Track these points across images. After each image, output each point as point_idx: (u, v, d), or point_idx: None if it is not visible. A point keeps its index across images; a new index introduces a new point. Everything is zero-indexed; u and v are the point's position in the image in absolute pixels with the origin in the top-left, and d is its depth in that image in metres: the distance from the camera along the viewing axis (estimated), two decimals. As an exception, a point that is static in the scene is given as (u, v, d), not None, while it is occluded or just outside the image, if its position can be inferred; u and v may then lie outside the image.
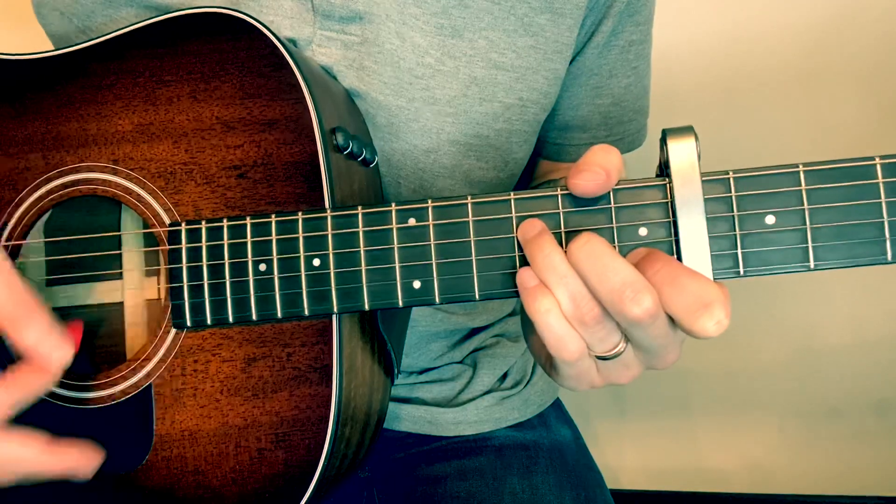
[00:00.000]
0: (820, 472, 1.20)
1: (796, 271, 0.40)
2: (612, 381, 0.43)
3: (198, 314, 0.48)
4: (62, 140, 0.52)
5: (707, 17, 1.03)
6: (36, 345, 0.43)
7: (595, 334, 0.40)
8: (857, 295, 1.10)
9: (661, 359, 0.41)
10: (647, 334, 0.39)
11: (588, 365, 0.42)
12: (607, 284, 0.38)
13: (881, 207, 0.39)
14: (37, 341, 0.42)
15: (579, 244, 0.40)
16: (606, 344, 0.40)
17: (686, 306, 0.37)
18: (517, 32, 0.58)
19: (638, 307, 0.37)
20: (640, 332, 0.39)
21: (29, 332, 0.42)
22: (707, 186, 0.41)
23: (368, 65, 0.56)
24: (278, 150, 0.49)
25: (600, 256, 0.39)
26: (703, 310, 0.37)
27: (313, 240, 0.46)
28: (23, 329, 0.42)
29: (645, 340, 0.40)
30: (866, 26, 1.00)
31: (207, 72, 0.50)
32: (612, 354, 0.41)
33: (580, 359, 0.41)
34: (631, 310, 0.38)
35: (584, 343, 0.40)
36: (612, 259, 0.39)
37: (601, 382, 0.43)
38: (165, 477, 0.49)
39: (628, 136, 0.71)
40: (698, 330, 0.37)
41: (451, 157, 0.60)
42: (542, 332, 0.40)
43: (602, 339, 0.40)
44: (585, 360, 0.41)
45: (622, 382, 0.43)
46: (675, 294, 0.38)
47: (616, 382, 0.43)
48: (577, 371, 0.42)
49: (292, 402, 0.48)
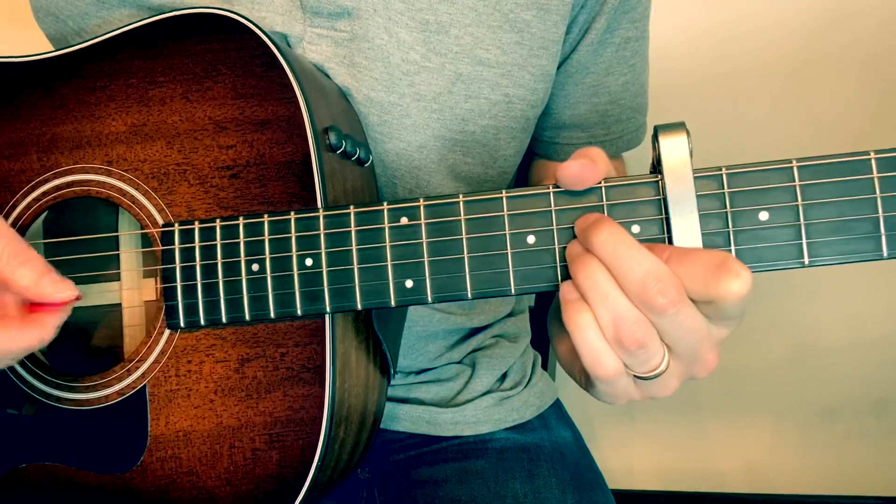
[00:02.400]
0: (817, 472, 1.19)
1: (791, 268, 0.40)
2: (651, 396, 0.42)
3: (191, 315, 0.48)
4: (57, 142, 0.52)
5: (699, 13, 1.03)
6: (32, 286, 0.42)
7: (636, 358, 0.39)
8: (855, 294, 1.09)
9: (701, 361, 0.40)
10: (679, 326, 0.38)
11: (626, 383, 0.41)
12: (631, 276, 0.37)
13: (876, 202, 0.38)
14: (32, 282, 0.42)
15: (602, 237, 0.39)
16: (646, 366, 0.39)
17: (702, 276, 0.37)
18: (502, 28, 0.58)
19: (662, 296, 0.37)
20: (671, 325, 0.38)
21: (22, 273, 0.42)
22: (700, 183, 0.40)
23: (359, 61, 0.56)
24: (271, 150, 0.49)
25: (625, 249, 0.38)
26: (719, 270, 0.36)
27: (306, 239, 0.46)
28: (16, 270, 0.42)
29: (680, 337, 0.39)
30: (860, 21, 0.99)
31: (200, 72, 0.50)
32: (653, 375, 0.39)
33: (617, 378, 0.40)
34: (656, 300, 0.37)
35: (622, 363, 0.39)
36: (636, 251, 0.38)
37: (640, 398, 0.42)
38: (160, 478, 0.49)
39: (627, 134, 0.70)
40: (724, 291, 0.36)
41: (437, 152, 0.60)
42: (578, 347, 0.39)
43: (643, 363, 0.39)
44: (623, 378, 0.40)
45: (662, 396, 0.42)
46: (689, 271, 0.37)
47: (656, 397, 0.42)
48: (615, 389, 0.41)
49: (286, 402, 0.48)
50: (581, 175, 0.40)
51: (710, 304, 0.38)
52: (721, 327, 0.40)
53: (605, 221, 0.40)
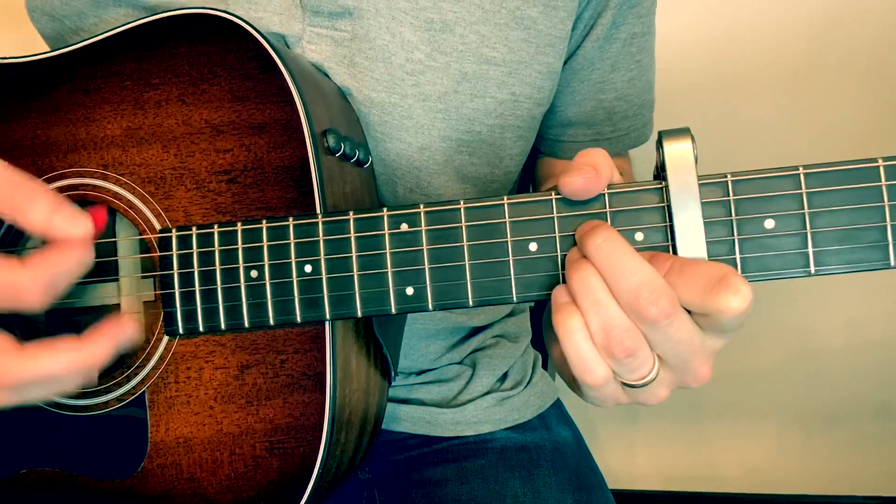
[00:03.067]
0: (819, 475, 1.19)
1: (796, 277, 0.39)
2: (639, 402, 0.42)
3: (190, 321, 0.48)
4: (51, 145, 0.52)
5: (704, 17, 1.02)
6: (46, 223, 0.39)
7: (624, 366, 0.38)
8: (856, 298, 1.09)
9: (692, 373, 0.40)
10: (670, 338, 0.37)
11: (614, 388, 0.40)
12: (624, 284, 0.37)
13: (884, 211, 0.38)
14: (46, 219, 0.39)
15: (597, 242, 0.38)
16: (635, 375, 0.39)
17: (702, 289, 0.36)
18: (508, 26, 0.57)
19: (654, 307, 0.36)
20: (662, 336, 0.37)
21: (34, 211, 0.39)
22: (704, 190, 0.40)
23: (360, 61, 0.55)
24: (268, 154, 0.48)
25: (619, 256, 0.37)
26: (719, 285, 0.35)
27: (305, 246, 0.45)
28: (27, 210, 0.39)
29: (670, 349, 0.38)
30: (865, 24, 0.98)
31: (196, 74, 0.49)
32: (641, 384, 0.39)
33: (605, 385, 0.39)
34: (648, 310, 0.36)
35: (611, 371, 0.39)
36: (630, 258, 0.37)
37: (627, 401, 0.42)
38: (161, 484, 0.49)
39: (633, 130, 0.69)
40: (723, 306, 0.35)
41: (443, 153, 0.59)
42: (566, 351, 0.39)
43: (631, 371, 0.38)
44: (611, 384, 0.39)
45: (650, 404, 0.42)
46: (687, 283, 0.36)
47: (644, 404, 0.42)
48: (602, 394, 0.40)
49: (286, 409, 0.48)
50: (585, 188, 0.40)
51: (707, 317, 0.37)
52: (716, 339, 0.39)
53: (602, 227, 0.39)
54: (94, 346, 0.41)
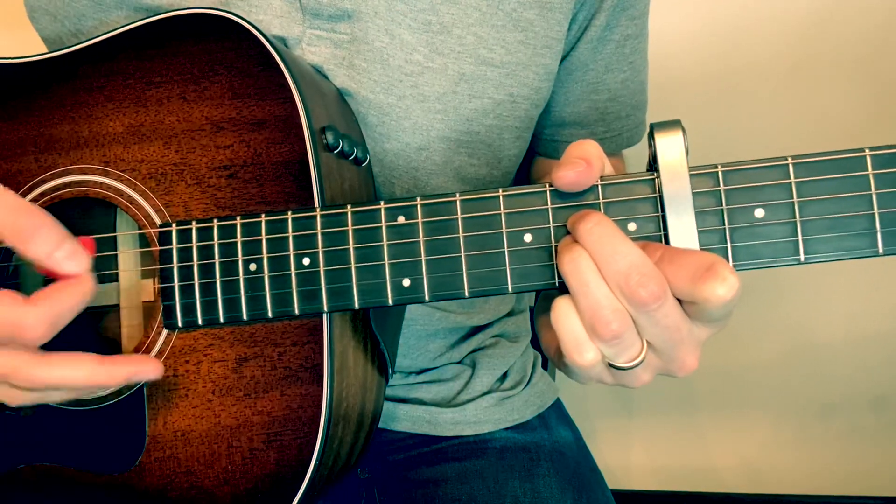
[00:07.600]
0: (815, 470, 1.19)
1: (787, 265, 0.40)
2: (622, 384, 0.43)
3: (188, 314, 0.48)
4: (54, 142, 0.53)
5: (696, 12, 1.03)
6: (47, 257, 0.41)
7: (611, 349, 0.39)
8: (853, 292, 1.09)
9: (678, 362, 0.40)
10: (658, 323, 0.38)
11: (599, 368, 0.41)
12: (614, 267, 0.38)
13: (871, 199, 0.38)
14: (47, 254, 0.40)
15: (588, 227, 0.39)
16: (621, 358, 0.39)
17: (690, 276, 0.37)
18: (506, 28, 0.58)
19: (644, 290, 0.37)
20: (650, 321, 0.38)
21: (37, 243, 0.40)
22: (695, 180, 0.40)
23: (358, 63, 0.56)
24: (268, 150, 0.49)
25: (610, 239, 0.38)
26: (707, 273, 0.36)
27: (303, 239, 0.46)
28: (29, 241, 0.40)
29: (658, 334, 0.39)
30: (856, 19, 0.99)
31: (197, 72, 0.50)
32: (627, 367, 0.40)
33: (592, 366, 0.40)
34: (638, 292, 0.37)
35: (601, 353, 0.39)
36: (621, 242, 0.38)
37: (611, 383, 0.43)
38: (158, 478, 0.49)
39: (627, 131, 0.70)
40: (709, 294, 0.36)
41: (442, 153, 0.60)
42: (559, 334, 0.40)
43: (618, 353, 0.39)
44: (598, 366, 0.40)
45: (633, 387, 0.42)
46: (677, 270, 0.37)
47: (627, 386, 0.43)
48: (587, 373, 0.41)
49: (284, 401, 0.48)
50: (577, 181, 0.41)
51: (695, 305, 0.38)
52: (703, 328, 0.40)
53: (593, 213, 0.40)
54: (115, 368, 0.43)
